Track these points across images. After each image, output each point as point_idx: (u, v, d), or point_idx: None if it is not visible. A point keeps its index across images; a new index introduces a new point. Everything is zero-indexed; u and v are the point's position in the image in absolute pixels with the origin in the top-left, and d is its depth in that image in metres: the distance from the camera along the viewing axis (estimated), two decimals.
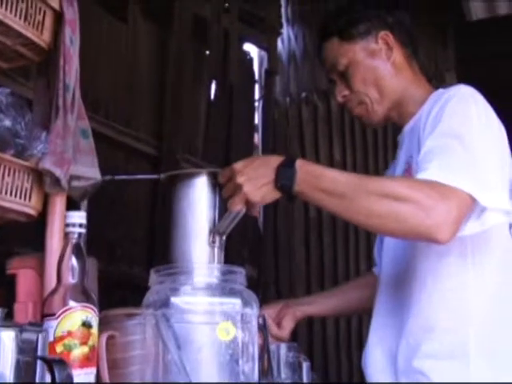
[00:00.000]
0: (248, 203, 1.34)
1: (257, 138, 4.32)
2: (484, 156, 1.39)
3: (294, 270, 4.26)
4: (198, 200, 1.43)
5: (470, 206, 1.34)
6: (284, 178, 1.32)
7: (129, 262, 3.19)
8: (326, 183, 1.33)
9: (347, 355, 4.17)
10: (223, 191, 1.38)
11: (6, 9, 1.39)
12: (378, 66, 1.61)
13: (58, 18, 1.50)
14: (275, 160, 1.35)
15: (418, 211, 1.29)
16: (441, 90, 1.56)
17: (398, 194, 1.31)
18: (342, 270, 4.25)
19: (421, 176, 1.36)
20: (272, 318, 1.76)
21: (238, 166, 1.35)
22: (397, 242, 1.56)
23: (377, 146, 4.46)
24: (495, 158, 1.42)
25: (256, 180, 1.33)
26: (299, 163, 1.34)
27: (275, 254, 4.27)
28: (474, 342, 1.43)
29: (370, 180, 1.39)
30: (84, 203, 1.66)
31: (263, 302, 3.56)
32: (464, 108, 1.44)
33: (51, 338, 1.13)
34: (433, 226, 1.30)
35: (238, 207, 1.34)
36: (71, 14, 1.51)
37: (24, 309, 1.43)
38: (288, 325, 1.78)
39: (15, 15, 1.41)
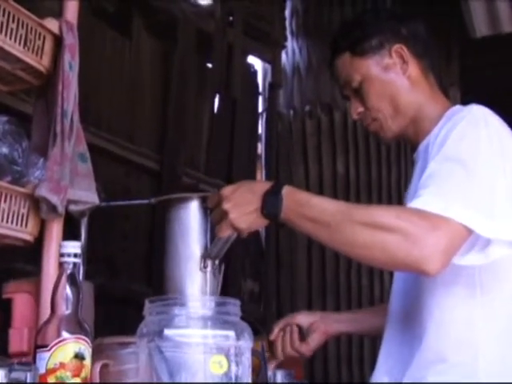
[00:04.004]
0: (235, 229, 1.33)
1: (260, 151, 4.31)
2: (491, 183, 1.33)
3: (295, 284, 4.24)
4: (190, 225, 1.43)
5: (464, 237, 1.29)
6: (270, 205, 1.31)
7: (128, 277, 3.18)
8: (312, 212, 1.30)
9: (348, 369, 4.15)
10: (211, 217, 1.37)
11: (6, 35, 1.40)
12: (393, 80, 1.54)
13: (58, 42, 1.51)
14: (262, 186, 1.34)
15: (405, 242, 1.25)
16: (457, 108, 1.50)
17: (384, 224, 1.27)
18: (343, 286, 4.23)
19: (414, 203, 1.32)
20: (303, 326, 1.70)
21: (226, 191, 1.34)
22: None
23: (380, 159, 4.45)
24: (505, 184, 1.35)
25: (242, 207, 1.32)
26: (286, 190, 1.32)
27: (277, 268, 4.25)
28: (484, 375, 1.37)
29: (357, 209, 1.35)
30: (84, 220, 1.67)
31: (265, 316, 3.51)
32: (473, 131, 1.38)
33: (43, 370, 1.12)
34: (420, 258, 1.25)
35: (225, 233, 1.34)
36: (71, 39, 1.52)
37: (19, 334, 1.43)
38: (314, 341, 1.70)
39: (15, 41, 1.42)
